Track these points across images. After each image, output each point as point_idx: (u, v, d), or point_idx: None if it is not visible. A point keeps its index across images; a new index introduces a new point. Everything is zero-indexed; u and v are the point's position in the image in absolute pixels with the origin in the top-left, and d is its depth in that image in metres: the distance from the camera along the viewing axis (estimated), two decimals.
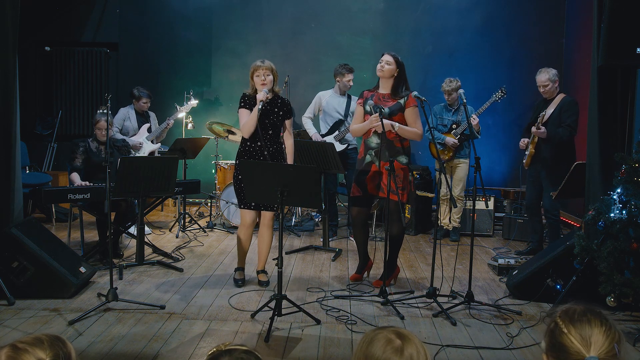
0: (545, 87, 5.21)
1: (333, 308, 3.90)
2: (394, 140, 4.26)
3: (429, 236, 6.24)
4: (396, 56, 4.29)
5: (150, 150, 6.23)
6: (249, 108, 4.24)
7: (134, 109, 6.37)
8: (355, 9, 7.71)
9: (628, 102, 3.98)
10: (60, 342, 1.33)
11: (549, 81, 5.19)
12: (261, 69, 4.19)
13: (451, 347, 3.29)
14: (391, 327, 1.39)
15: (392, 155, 4.18)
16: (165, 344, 3.26)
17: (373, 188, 4.32)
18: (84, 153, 5.10)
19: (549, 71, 5.21)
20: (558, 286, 3.94)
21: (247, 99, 4.28)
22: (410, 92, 4.24)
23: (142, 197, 4.66)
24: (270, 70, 4.21)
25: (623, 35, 3.68)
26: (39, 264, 3.94)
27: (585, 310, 1.40)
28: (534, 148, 5.25)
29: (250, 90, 4.30)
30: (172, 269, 4.78)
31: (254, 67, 4.22)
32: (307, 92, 7.47)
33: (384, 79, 4.32)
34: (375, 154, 4.31)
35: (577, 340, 1.34)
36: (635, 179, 3.49)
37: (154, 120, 6.56)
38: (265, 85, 4.19)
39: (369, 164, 4.34)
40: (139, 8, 7.95)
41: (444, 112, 6.01)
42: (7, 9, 3.91)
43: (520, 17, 7.48)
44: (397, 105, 4.25)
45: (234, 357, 1.25)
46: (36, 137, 7.88)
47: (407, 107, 4.25)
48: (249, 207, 4.29)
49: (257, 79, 4.21)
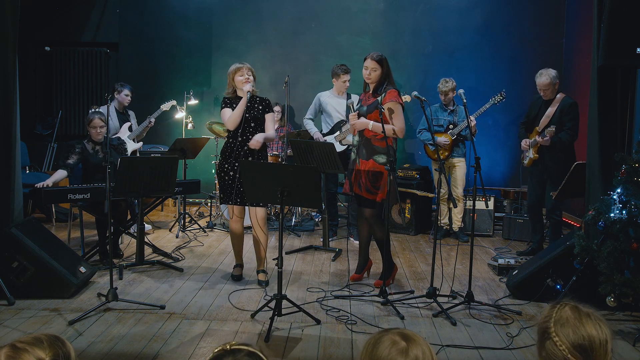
0: (547, 90, 5.18)
1: (333, 308, 3.90)
2: (371, 139, 4.27)
3: (429, 236, 6.24)
4: (379, 58, 4.26)
5: (133, 149, 6.09)
6: (230, 107, 4.40)
7: (115, 108, 6.20)
8: (355, 9, 7.71)
9: (628, 102, 3.98)
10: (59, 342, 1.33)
11: (550, 84, 5.16)
12: (244, 69, 4.39)
13: (451, 347, 3.29)
14: (396, 328, 1.40)
15: (369, 154, 4.22)
16: (165, 344, 3.26)
17: (355, 186, 4.36)
18: (80, 155, 5.03)
19: (550, 73, 5.17)
20: (558, 286, 3.94)
21: (228, 100, 4.46)
22: (391, 89, 4.24)
23: (142, 197, 4.66)
24: (251, 70, 4.42)
25: (623, 35, 3.68)
26: (39, 264, 3.94)
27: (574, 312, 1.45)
28: (536, 152, 5.24)
29: (229, 93, 4.47)
30: (172, 269, 4.78)
31: (235, 68, 4.40)
32: (307, 92, 7.48)
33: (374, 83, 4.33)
34: (357, 152, 4.37)
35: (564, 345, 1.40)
36: (635, 179, 3.49)
37: (133, 119, 6.45)
38: (249, 82, 4.35)
39: (354, 162, 4.42)
40: (139, 8, 7.95)
41: (439, 112, 6.02)
42: (7, 9, 3.91)
43: (520, 17, 7.48)
44: (374, 102, 4.26)
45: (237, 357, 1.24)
46: (36, 137, 7.88)
47: (383, 103, 4.22)
48: (233, 203, 4.39)
49: (241, 78, 4.38)
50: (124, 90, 6.23)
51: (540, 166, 5.29)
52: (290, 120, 7.29)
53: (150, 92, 7.72)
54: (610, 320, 3.73)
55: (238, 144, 4.36)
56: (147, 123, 6.27)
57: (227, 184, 4.37)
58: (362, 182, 4.28)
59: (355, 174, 4.36)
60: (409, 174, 6.46)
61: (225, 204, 4.48)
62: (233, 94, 4.47)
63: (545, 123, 5.18)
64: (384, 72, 4.28)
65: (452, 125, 5.93)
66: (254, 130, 4.40)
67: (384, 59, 4.29)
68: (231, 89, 4.47)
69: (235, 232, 4.51)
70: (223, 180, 4.41)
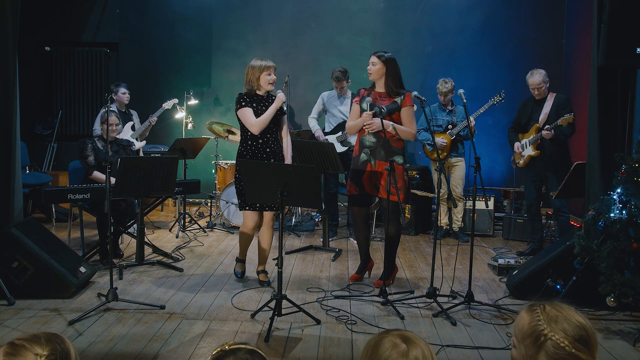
0: (540, 88, 5.27)
1: (333, 308, 3.90)
2: (390, 140, 4.26)
3: (429, 236, 6.24)
4: (381, 55, 4.28)
5: (136, 148, 6.17)
6: (251, 106, 4.23)
7: (117, 108, 6.24)
8: (355, 9, 7.71)
9: (628, 102, 3.98)
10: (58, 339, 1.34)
11: (543, 83, 5.25)
12: (272, 68, 4.25)
13: (451, 347, 3.29)
14: (397, 330, 1.39)
15: (388, 155, 4.19)
16: (165, 344, 3.26)
17: (371, 188, 4.32)
18: (93, 151, 5.13)
19: (541, 72, 5.27)
20: (558, 286, 3.94)
21: (248, 97, 4.27)
22: (407, 92, 4.25)
23: (142, 197, 4.66)
24: (275, 69, 4.30)
25: (623, 35, 3.68)
26: (39, 264, 3.94)
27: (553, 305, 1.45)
28: (536, 148, 5.26)
29: (252, 89, 4.27)
30: (172, 269, 4.78)
31: (264, 66, 4.21)
32: (307, 92, 7.48)
33: (376, 80, 4.35)
34: (371, 153, 4.32)
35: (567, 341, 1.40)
36: (635, 179, 3.49)
37: (136, 118, 6.50)
38: (273, 84, 4.25)
39: (365, 163, 4.35)
40: (139, 8, 7.95)
41: (437, 112, 6.02)
42: (8, 8, 3.91)
43: (520, 17, 7.48)
44: (393, 104, 4.26)
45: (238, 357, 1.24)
46: (36, 137, 7.88)
47: (403, 106, 4.25)
48: (252, 209, 4.28)
49: (268, 77, 4.23)
50: (120, 89, 6.28)
51: (538, 165, 5.31)
52: (290, 120, 7.28)
53: (150, 92, 7.72)
54: (610, 320, 3.74)
55: (259, 146, 4.26)
56: (148, 122, 6.31)
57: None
58: (381, 183, 4.24)
59: (369, 175, 4.31)
60: (409, 174, 6.45)
61: (243, 209, 4.29)
62: (253, 92, 4.28)
63: (545, 120, 5.24)
64: (387, 69, 4.26)
65: (451, 125, 5.93)
66: (274, 132, 4.30)
67: (387, 57, 4.27)
68: (251, 87, 4.26)
69: (250, 234, 4.41)
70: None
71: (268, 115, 4.20)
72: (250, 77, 4.25)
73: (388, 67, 4.27)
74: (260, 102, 4.27)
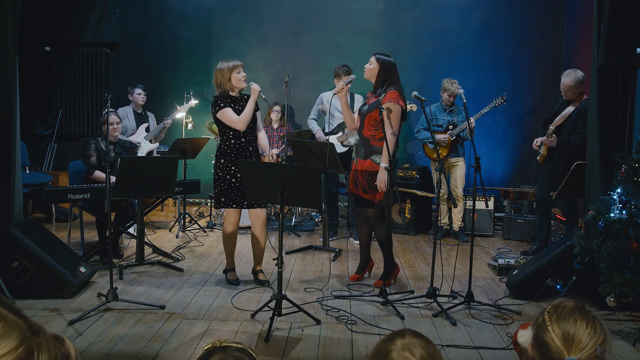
0: (568, 91, 5.05)
1: (333, 308, 3.90)
2: (370, 139, 4.27)
3: (429, 236, 6.24)
4: (379, 57, 4.32)
5: (148, 149, 6.24)
6: (230, 106, 4.28)
7: (132, 109, 6.39)
8: (355, 9, 7.71)
9: (628, 102, 3.98)
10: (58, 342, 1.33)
11: (573, 87, 5.01)
12: (240, 66, 4.29)
13: (451, 347, 3.29)
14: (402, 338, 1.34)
15: (368, 154, 4.23)
16: (165, 344, 3.26)
17: (353, 186, 4.37)
18: (95, 151, 5.14)
19: (576, 76, 5.00)
20: (558, 286, 3.94)
21: (226, 99, 4.30)
22: (391, 89, 4.24)
23: (142, 197, 4.66)
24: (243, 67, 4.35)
25: (623, 35, 3.68)
26: (39, 264, 3.94)
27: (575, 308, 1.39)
28: (546, 150, 5.22)
29: (225, 92, 4.30)
30: (172, 269, 4.78)
31: (233, 66, 4.25)
32: (307, 92, 7.48)
33: (369, 79, 4.40)
34: (355, 150, 4.40)
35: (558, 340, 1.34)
36: (635, 179, 3.49)
37: (152, 120, 6.59)
38: (245, 80, 4.30)
39: (352, 161, 4.46)
40: (139, 8, 7.94)
41: (438, 112, 6.01)
42: (8, 8, 3.91)
43: (520, 17, 7.47)
44: (375, 102, 4.27)
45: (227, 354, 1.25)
46: (36, 137, 7.88)
47: (382, 102, 4.20)
48: (236, 206, 4.32)
49: (239, 75, 4.28)
50: (136, 90, 6.39)
51: (549, 163, 5.26)
52: (290, 120, 7.29)
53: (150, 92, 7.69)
54: (610, 320, 3.74)
55: (244, 144, 4.31)
56: (163, 124, 6.36)
57: (235, 187, 4.26)
58: (359, 181, 4.29)
59: (353, 174, 4.37)
60: (409, 174, 6.46)
61: (228, 207, 4.32)
62: (226, 93, 4.31)
63: (559, 123, 5.10)
64: (383, 71, 4.29)
65: (451, 125, 5.93)
66: (253, 130, 4.39)
67: (384, 59, 4.30)
68: (223, 89, 4.29)
69: (233, 235, 4.45)
70: (229, 182, 4.26)
71: (250, 109, 4.25)
72: (220, 80, 4.28)
73: (381, 68, 4.30)
74: (236, 102, 4.33)
